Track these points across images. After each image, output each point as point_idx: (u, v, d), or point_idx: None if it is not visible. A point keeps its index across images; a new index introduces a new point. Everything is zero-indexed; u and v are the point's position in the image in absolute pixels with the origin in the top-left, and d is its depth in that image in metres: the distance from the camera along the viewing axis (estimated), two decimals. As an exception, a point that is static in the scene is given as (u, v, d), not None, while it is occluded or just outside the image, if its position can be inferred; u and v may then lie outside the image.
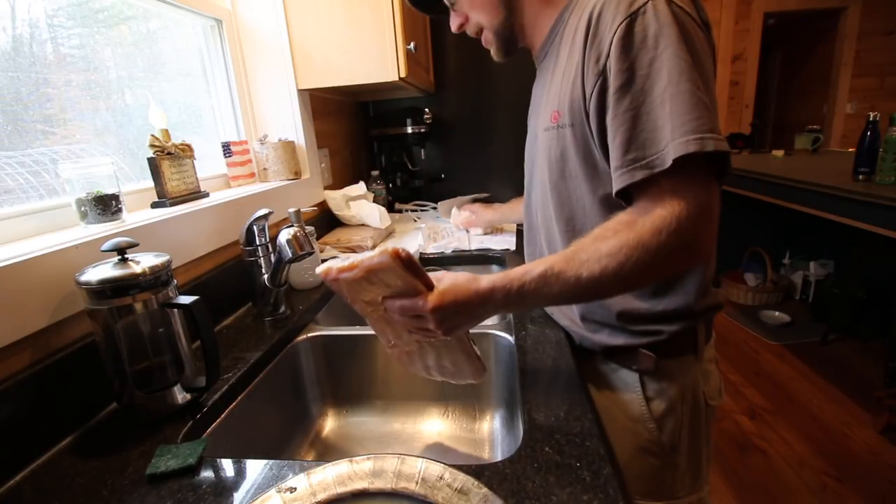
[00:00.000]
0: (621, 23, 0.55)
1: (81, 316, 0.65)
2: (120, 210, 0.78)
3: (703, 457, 0.77)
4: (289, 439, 0.86)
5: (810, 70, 4.63)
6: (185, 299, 0.62)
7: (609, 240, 0.54)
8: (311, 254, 0.87)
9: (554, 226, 0.73)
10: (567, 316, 0.80)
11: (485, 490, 0.45)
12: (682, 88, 0.52)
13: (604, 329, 0.73)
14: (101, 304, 0.59)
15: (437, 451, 0.86)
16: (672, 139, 0.52)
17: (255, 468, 0.53)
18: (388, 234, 1.52)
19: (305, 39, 1.29)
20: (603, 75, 0.57)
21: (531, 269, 0.56)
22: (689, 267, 0.66)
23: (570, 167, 0.67)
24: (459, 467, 0.48)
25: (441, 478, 0.47)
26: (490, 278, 0.57)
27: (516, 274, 0.56)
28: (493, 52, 0.79)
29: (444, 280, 0.57)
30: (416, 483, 0.47)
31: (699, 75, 0.53)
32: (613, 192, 0.58)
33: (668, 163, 0.52)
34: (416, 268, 0.54)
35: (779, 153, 3.29)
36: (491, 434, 0.88)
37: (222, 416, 0.68)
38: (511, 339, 0.82)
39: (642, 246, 0.52)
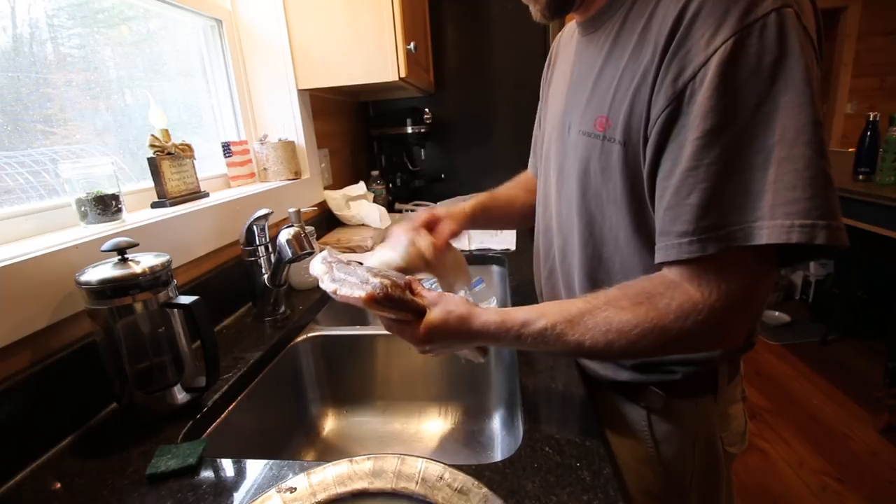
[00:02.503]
0: (728, 39, 0.41)
1: (81, 316, 0.65)
2: (120, 210, 0.78)
3: None
4: (289, 439, 0.86)
5: (810, 70, 4.62)
6: (185, 299, 0.62)
7: (624, 311, 0.46)
8: (311, 254, 0.87)
9: (575, 247, 0.63)
10: None
11: (485, 490, 0.45)
12: (796, 152, 0.40)
13: (607, 361, 0.66)
14: (102, 304, 0.59)
15: (437, 451, 0.86)
16: (771, 216, 0.41)
17: (255, 468, 0.53)
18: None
19: (305, 39, 1.29)
20: (678, 100, 0.44)
21: (531, 321, 0.49)
22: (710, 351, 0.58)
23: (611, 189, 0.55)
24: (459, 467, 0.48)
25: (441, 478, 0.47)
26: (485, 321, 0.50)
27: (514, 323, 0.50)
28: (536, 8, 0.59)
29: (437, 309, 0.51)
30: (416, 483, 0.47)
31: (820, 132, 0.41)
32: (671, 257, 0.47)
33: (756, 241, 0.42)
34: (397, 303, 0.51)
35: (779, 153, 3.28)
36: (491, 434, 0.88)
37: (222, 416, 0.68)
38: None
39: (660, 328, 0.45)
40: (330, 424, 0.94)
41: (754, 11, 0.41)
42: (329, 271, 0.55)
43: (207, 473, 0.53)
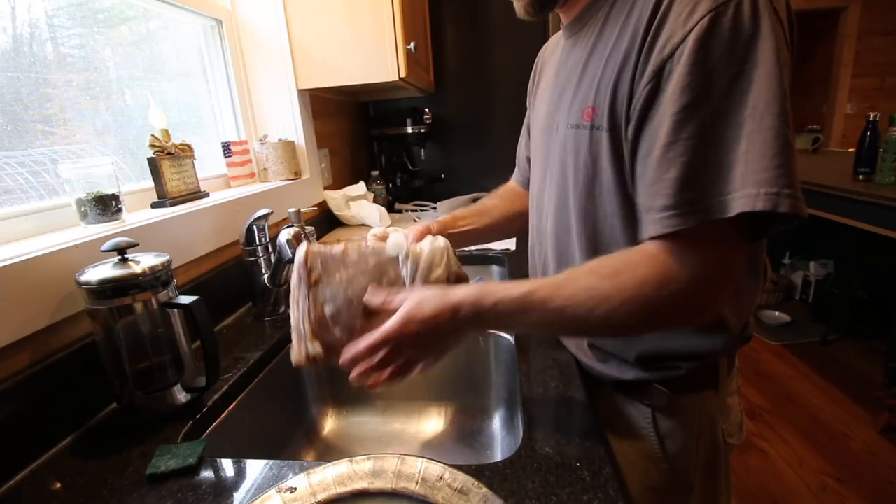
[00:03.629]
0: (704, 16, 0.43)
1: (81, 316, 0.65)
2: (120, 210, 0.78)
3: (722, 499, 0.70)
4: (289, 439, 0.86)
5: (810, 70, 4.63)
6: (185, 299, 0.62)
7: (605, 280, 0.48)
8: (311, 254, 0.87)
9: (573, 240, 0.63)
10: (573, 342, 0.72)
11: (485, 490, 0.45)
12: (765, 123, 0.42)
13: (612, 360, 0.66)
14: (102, 304, 0.59)
15: (437, 451, 0.86)
16: (742, 186, 0.43)
17: (255, 468, 0.53)
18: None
19: (305, 39, 1.29)
20: (657, 78, 0.46)
21: (512, 288, 0.49)
22: (686, 325, 0.58)
23: (602, 178, 0.56)
24: (459, 467, 0.48)
25: (441, 478, 0.47)
26: (461, 292, 0.49)
27: (494, 288, 0.49)
28: (520, 4, 0.61)
29: (397, 313, 0.50)
30: (416, 483, 0.47)
31: (787, 104, 0.43)
32: (652, 232, 0.48)
33: (730, 212, 0.43)
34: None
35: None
36: (491, 434, 0.88)
37: (222, 416, 0.68)
38: (511, 339, 0.82)
39: (640, 298, 0.46)
40: (330, 424, 0.94)
41: None
42: (297, 286, 0.52)
43: (207, 473, 0.53)
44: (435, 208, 1.84)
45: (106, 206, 0.75)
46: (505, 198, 0.91)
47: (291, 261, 0.86)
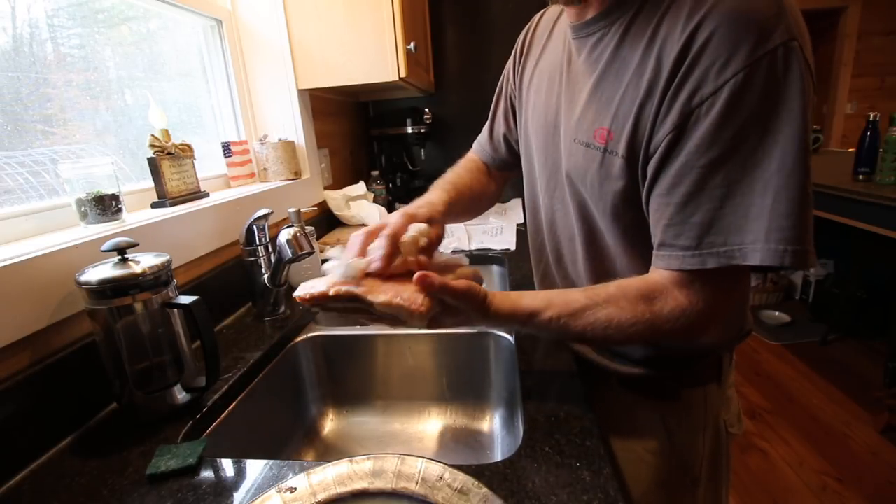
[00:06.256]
0: (738, 73, 0.43)
1: (81, 316, 0.65)
2: (120, 210, 0.78)
3: (723, 489, 0.72)
4: (289, 439, 0.86)
5: (810, 70, 4.62)
6: (186, 299, 0.62)
7: (623, 311, 0.51)
8: (311, 254, 0.87)
9: (577, 253, 0.65)
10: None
11: (485, 490, 0.45)
12: (792, 181, 0.44)
13: (617, 357, 0.68)
14: (102, 304, 0.58)
15: (437, 451, 0.86)
16: (766, 241, 0.45)
17: (255, 468, 0.53)
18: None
19: (305, 39, 1.29)
20: (684, 124, 0.46)
21: (539, 311, 0.52)
22: (689, 341, 0.63)
23: (609, 200, 0.57)
24: (459, 467, 0.48)
25: (441, 478, 0.47)
26: (495, 307, 0.52)
27: (522, 313, 0.53)
28: None
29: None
30: (416, 483, 0.47)
31: (809, 158, 0.45)
32: (670, 267, 0.51)
33: (752, 262, 0.46)
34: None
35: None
36: (491, 434, 0.88)
37: (222, 416, 0.68)
38: (511, 339, 0.82)
39: (653, 327, 0.51)
40: (330, 424, 0.94)
41: (763, 45, 0.43)
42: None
43: (207, 473, 0.53)
44: (435, 208, 1.84)
45: (106, 206, 0.75)
46: (474, 177, 0.86)
47: (291, 261, 0.86)
